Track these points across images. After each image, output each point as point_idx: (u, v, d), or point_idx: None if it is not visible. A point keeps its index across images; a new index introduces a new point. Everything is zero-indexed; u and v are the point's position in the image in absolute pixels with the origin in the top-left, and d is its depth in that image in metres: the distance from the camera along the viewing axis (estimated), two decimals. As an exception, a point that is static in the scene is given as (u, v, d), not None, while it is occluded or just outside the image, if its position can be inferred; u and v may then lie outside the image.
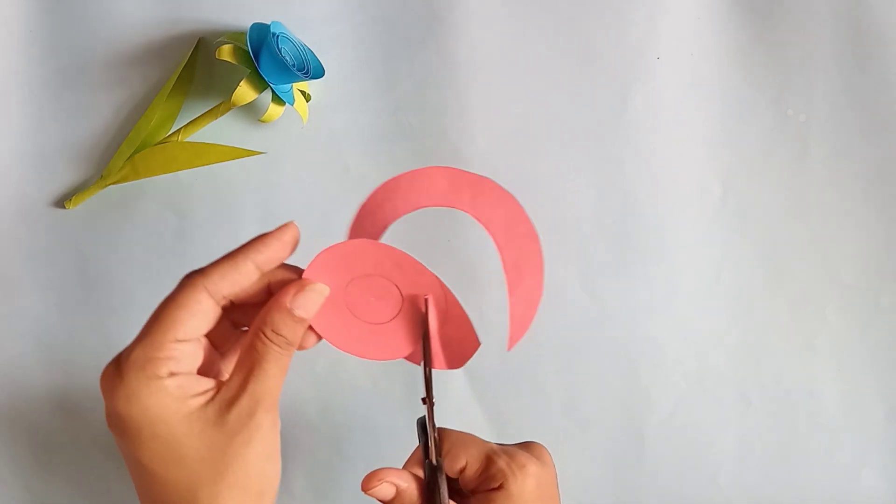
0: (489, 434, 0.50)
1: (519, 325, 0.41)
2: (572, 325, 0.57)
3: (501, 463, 0.41)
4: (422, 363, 0.41)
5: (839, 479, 0.58)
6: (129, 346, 0.38)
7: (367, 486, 0.41)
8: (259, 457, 0.37)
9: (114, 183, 0.55)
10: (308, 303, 0.39)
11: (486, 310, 0.55)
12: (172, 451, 0.37)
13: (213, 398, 0.38)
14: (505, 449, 0.42)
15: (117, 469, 0.58)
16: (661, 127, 0.55)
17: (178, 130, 0.54)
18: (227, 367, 0.41)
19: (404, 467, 0.42)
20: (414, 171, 0.40)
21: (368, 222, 0.41)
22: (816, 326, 0.57)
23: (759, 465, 0.58)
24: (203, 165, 0.55)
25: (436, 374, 0.40)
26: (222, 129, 0.55)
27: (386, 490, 0.41)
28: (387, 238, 0.40)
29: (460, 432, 0.43)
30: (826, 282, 0.56)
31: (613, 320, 0.57)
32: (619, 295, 0.56)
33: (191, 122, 0.54)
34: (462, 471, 0.41)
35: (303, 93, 0.55)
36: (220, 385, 0.38)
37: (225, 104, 0.53)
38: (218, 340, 0.40)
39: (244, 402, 0.37)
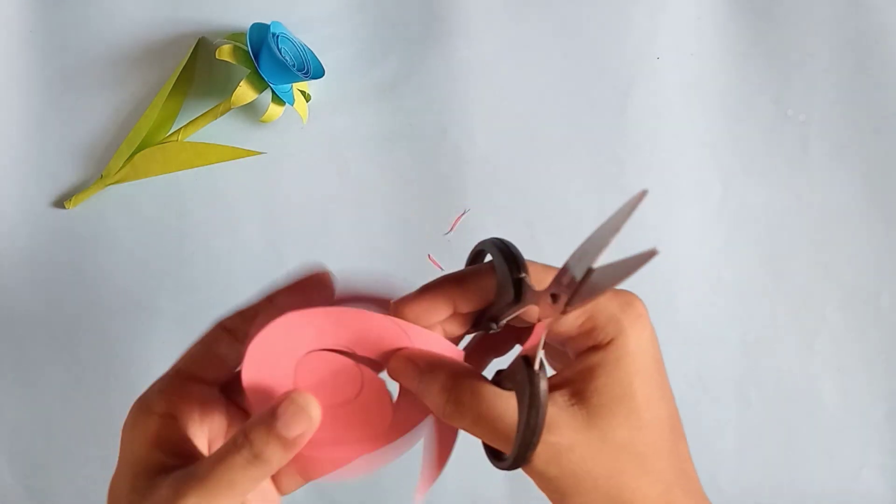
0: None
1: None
2: (572, 325, 0.57)
3: (614, 307, 0.30)
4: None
5: (839, 479, 0.58)
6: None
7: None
8: None
9: (114, 183, 0.55)
10: (293, 422, 0.29)
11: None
12: None
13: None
14: (614, 291, 0.30)
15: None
16: (661, 127, 0.55)
17: (178, 130, 0.54)
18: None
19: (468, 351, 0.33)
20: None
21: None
22: (816, 326, 0.57)
23: (759, 465, 0.58)
24: (203, 165, 0.55)
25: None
26: (222, 129, 0.55)
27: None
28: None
29: (548, 268, 0.32)
30: (826, 282, 0.56)
31: (613, 320, 0.57)
32: (619, 295, 0.56)
33: (191, 122, 0.54)
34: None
35: (303, 93, 0.55)
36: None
37: (225, 104, 0.53)
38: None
39: None
